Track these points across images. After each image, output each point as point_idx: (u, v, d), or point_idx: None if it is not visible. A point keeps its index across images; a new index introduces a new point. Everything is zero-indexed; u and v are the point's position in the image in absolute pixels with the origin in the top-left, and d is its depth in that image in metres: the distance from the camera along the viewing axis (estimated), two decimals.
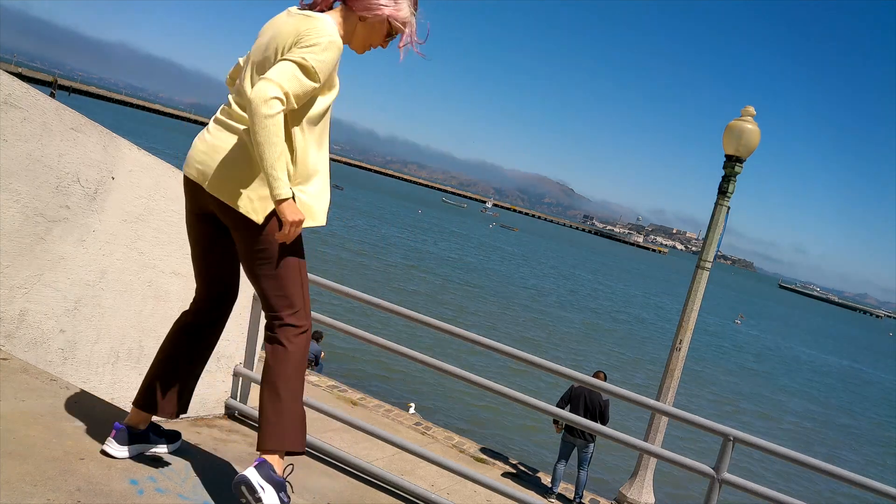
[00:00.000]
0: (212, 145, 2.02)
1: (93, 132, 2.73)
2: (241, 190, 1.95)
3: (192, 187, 2.07)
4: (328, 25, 1.95)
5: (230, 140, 2.01)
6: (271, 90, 1.80)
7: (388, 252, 32.26)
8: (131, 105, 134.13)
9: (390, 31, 2.07)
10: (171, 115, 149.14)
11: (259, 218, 1.95)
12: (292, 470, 2.12)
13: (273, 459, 1.94)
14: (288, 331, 2.00)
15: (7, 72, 2.50)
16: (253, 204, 1.95)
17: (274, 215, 1.95)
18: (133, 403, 2.18)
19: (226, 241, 2.13)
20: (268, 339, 2.03)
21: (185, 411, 2.27)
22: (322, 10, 2.06)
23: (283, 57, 1.90)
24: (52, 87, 73.07)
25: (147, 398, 2.16)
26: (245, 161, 1.97)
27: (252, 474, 1.88)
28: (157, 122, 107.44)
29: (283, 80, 1.83)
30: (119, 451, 2.09)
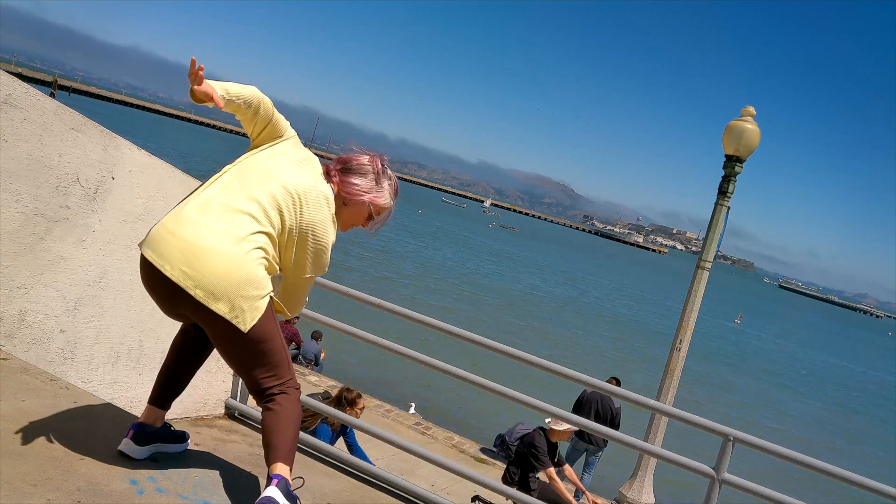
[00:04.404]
0: (206, 249, 1.88)
1: (93, 132, 2.73)
2: (238, 302, 1.90)
3: (165, 284, 1.90)
4: (332, 222, 2.12)
5: (234, 243, 1.91)
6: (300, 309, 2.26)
7: (398, 260, 31.86)
8: (131, 105, 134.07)
9: (371, 215, 2.23)
10: (171, 115, 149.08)
11: (246, 327, 1.92)
12: (303, 483, 2.24)
13: (286, 472, 1.98)
14: (284, 389, 2.06)
15: (7, 72, 2.50)
16: (246, 315, 1.91)
17: (262, 318, 1.95)
18: (149, 402, 2.20)
19: None
20: (268, 398, 2.04)
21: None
22: (328, 178, 2.18)
23: (302, 272, 2.10)
24: (52, 87, 73.03)
25: (161, 395, 2.19)
26: (245, 267, 1.91)
27: (275, 493, 1.91)
28: (157, 122, 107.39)
29: (304, 299, 2.23)
30: (136, 451, 2.11)
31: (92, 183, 2.74)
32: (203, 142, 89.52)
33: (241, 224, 1.93)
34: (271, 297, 2.01)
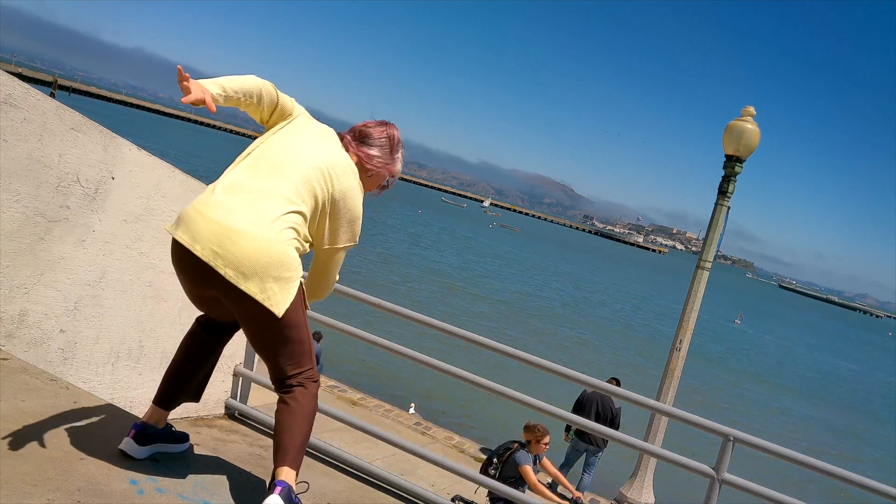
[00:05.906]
0: (237, 230, 1.89)
1: (93, 132, 2.73)
2: (269, 283, 1.90)
3: (196, 263, 1.91)
4: (360, 189, 2.18)
5: (265, 223, 1.92)
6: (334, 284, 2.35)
7: (400, 262, 31.61)
8: (131, 105, 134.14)
9: (385, 183, 2.35)
10: (172, 115, 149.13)
11: (280, 311, 1.93)
12: (307, 488, 2.25)
13: (291, 478, 1.99)
14: (302, 381, 2.09)
15: (7, 72, 2.50)
16: (276, 296, 1.92)
17: (292, 304, 1.97)
18: (153, 402, 2.20)
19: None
20: (286, 389, 2.07)
21: (198, 399, 2.31)
22: (345, 149, 2.21)
23: (336, 242, 2.15)
24: (52, 87, 73.06)
25: (165, 395, 2.19)
26: (276, 247, 1.92)
27: (277, 502, 1.91)
28: (158, 122, 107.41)
29: (335, 278, 2.31)
30: (137, 451, 2.11)
31: (92, 183, 2.74)
32: (203, 142, 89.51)
33: (271, 205, 1.95)
34: (301, 283, 2.02)
